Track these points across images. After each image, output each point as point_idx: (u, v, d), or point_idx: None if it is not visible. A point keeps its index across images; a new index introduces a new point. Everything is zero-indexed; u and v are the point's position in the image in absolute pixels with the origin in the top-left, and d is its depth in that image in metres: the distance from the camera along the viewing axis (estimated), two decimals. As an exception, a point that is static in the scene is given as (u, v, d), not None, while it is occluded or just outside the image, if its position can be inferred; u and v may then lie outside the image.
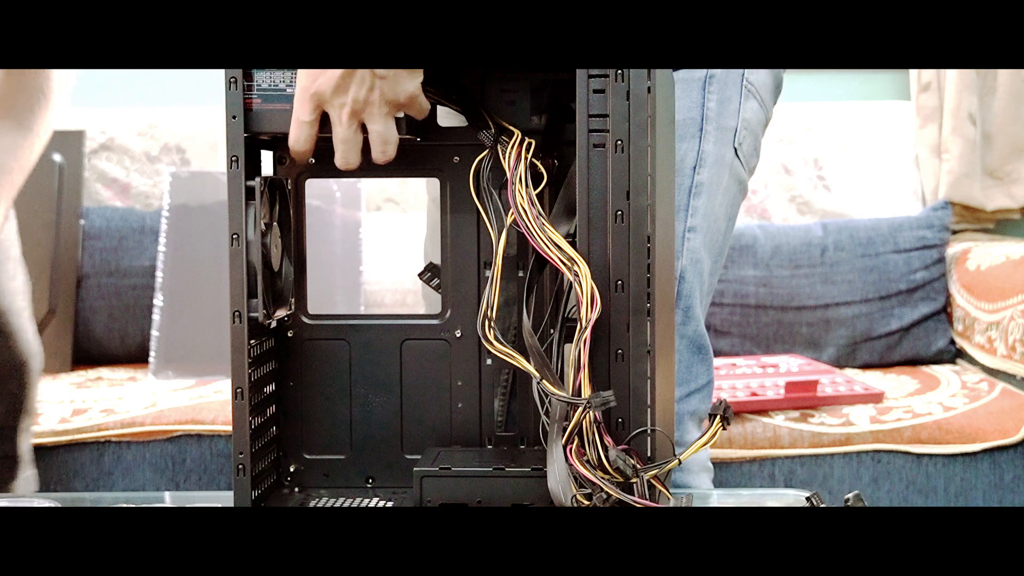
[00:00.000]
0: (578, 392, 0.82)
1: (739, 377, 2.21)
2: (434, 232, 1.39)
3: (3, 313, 1.57)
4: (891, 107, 2.75)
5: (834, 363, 2.38)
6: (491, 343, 0.86)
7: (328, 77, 0.89)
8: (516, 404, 1.00)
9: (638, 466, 0.82)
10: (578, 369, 0.82)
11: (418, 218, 2.50)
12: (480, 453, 0.98)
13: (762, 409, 2.05)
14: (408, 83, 0.90)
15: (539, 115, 0.96)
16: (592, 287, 0.82)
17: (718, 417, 0.82)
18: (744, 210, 2.66)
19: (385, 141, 0.92)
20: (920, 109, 2.71)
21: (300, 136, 0.91)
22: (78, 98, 2.75)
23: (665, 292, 0.89)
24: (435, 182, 1.22)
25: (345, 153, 0.92)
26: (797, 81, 2.82)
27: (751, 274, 2.45)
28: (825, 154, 2.69)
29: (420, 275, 1.02)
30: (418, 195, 2.55)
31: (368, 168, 0.96)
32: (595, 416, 0.82)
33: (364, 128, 0.92)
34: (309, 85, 0.89)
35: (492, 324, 0.87)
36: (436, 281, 1.02)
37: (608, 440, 0.83)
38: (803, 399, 2.07)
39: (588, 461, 0.82)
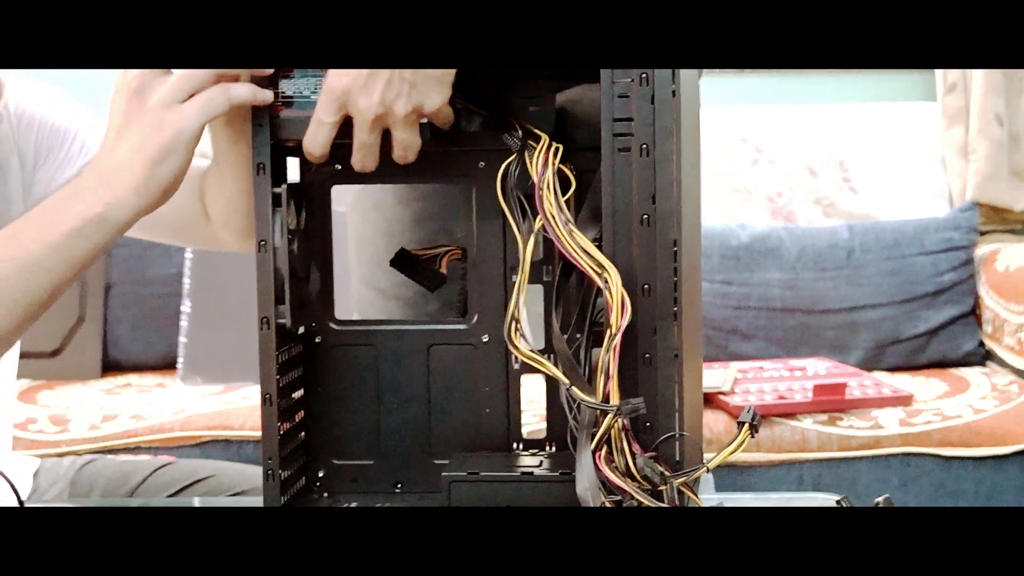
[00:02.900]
0: (607, 398, 0.82)
1: (766, 380, 2.20)
2: (374, 236, 1.39)
3: None
4: (917, 108, 2.73)
5: (861, 366, 2.37)
6: (518, 348, 0.86)
7: (355, 79, 0.88)
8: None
9: (666, 473, 0.82)
10: (607, 376, 0.81)
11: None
12: (508, 458, 0.98)
13: (790, 412, 2.04)
14: (436, 94, 0.90)
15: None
16: (622, 294, 0.82)
17: (747, 424, 0.81)
18: (769, 212, 2.65)
19: (407, 147, 0.92)
20: (946, 110, 2.69)
21: (317, 137, 0.91)
22: (102, 102, 2.77)
23: (691, 296, 0.88)
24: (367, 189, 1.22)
25: (363, 158, 0.92)
26: (822, 83, 2.80)
27: (776, 277, 2.43)
28: (851, 156, 2.68)
29: (392, 263, 1.02)
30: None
31: (394, 174, 0.96)
32: (623, 423, 0.82)
33: (386, 132, 0.92)
34: (336, 86, 0.89)
35: (519, 329, 0.86)
36: (416, 271, 1.02)
37: (636, 447, 0.82)
38: (831, 402, 2.05)
39: (616, 467, 0.82)
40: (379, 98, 0.89)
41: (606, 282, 0.83)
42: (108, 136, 0.95)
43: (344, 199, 1.42)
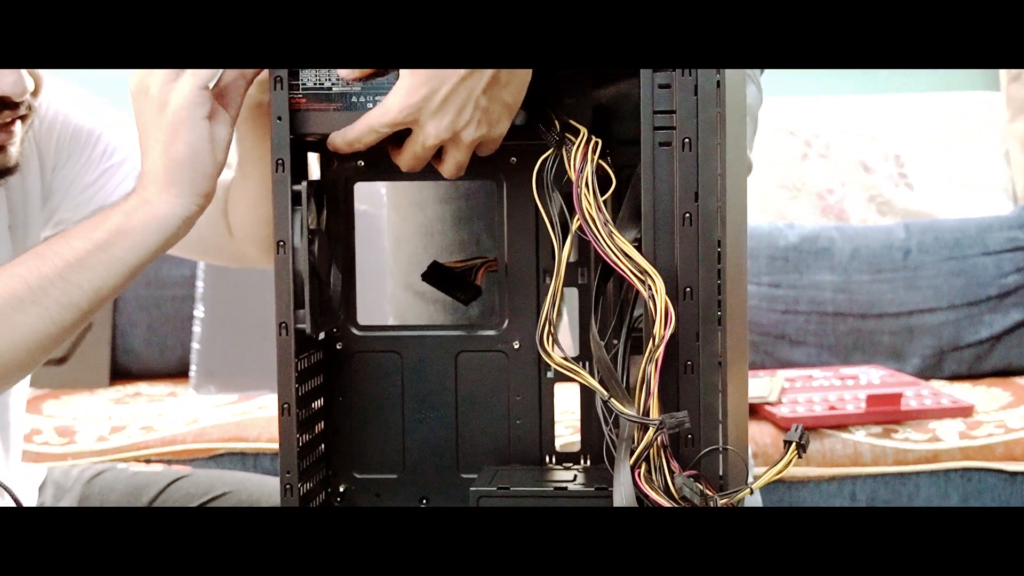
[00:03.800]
0: (647, 412, 0.81)
1: (816, 390, 2.19)
2: (409, 237, 1.39)
3: None
4: (979, 98, 2.71)
5: (919, 374, 2.35)
6: (551, 356, 0.86)
7: (428, 100, 0.89)
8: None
9: (708, 493, 0.81)
10: (649, 391, 0.81)
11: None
12: (540, 472, 0.98)
13: (842, 424, 2.03)
14: (505, 121, 0.92)
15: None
16: (667, 302, 0.81)
17: (794, 444, 0.80)
18: (820, 210, 2.64)
19: (460, 167, 0.93)
20: (1011, 100, 2.67)
21: (361, 140, 0.91)
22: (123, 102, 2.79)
23: (737, 300, 0.88)
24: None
25: (413, 167, 0.94)
26: (876, 72, 2.79)
27: (828, 279, 2.42)
28: (907, 150, 2.66)
29: (424, 277, 1.02)
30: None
31: (422, 171, 0.96)
32: (663, 439, 0.81)
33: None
34: (406, 103, 0.89)
35: (553, 335, 0.86)
36: (449, 284, 1.02)
37: (675, 465, 0.82)
38: (886, 413, 2.04)
39: (655, 484, 0.82)
40: (449, 124, 0.90)
41: (649, 289, 0.82)
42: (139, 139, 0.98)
43: (375, 199, 1.43)
